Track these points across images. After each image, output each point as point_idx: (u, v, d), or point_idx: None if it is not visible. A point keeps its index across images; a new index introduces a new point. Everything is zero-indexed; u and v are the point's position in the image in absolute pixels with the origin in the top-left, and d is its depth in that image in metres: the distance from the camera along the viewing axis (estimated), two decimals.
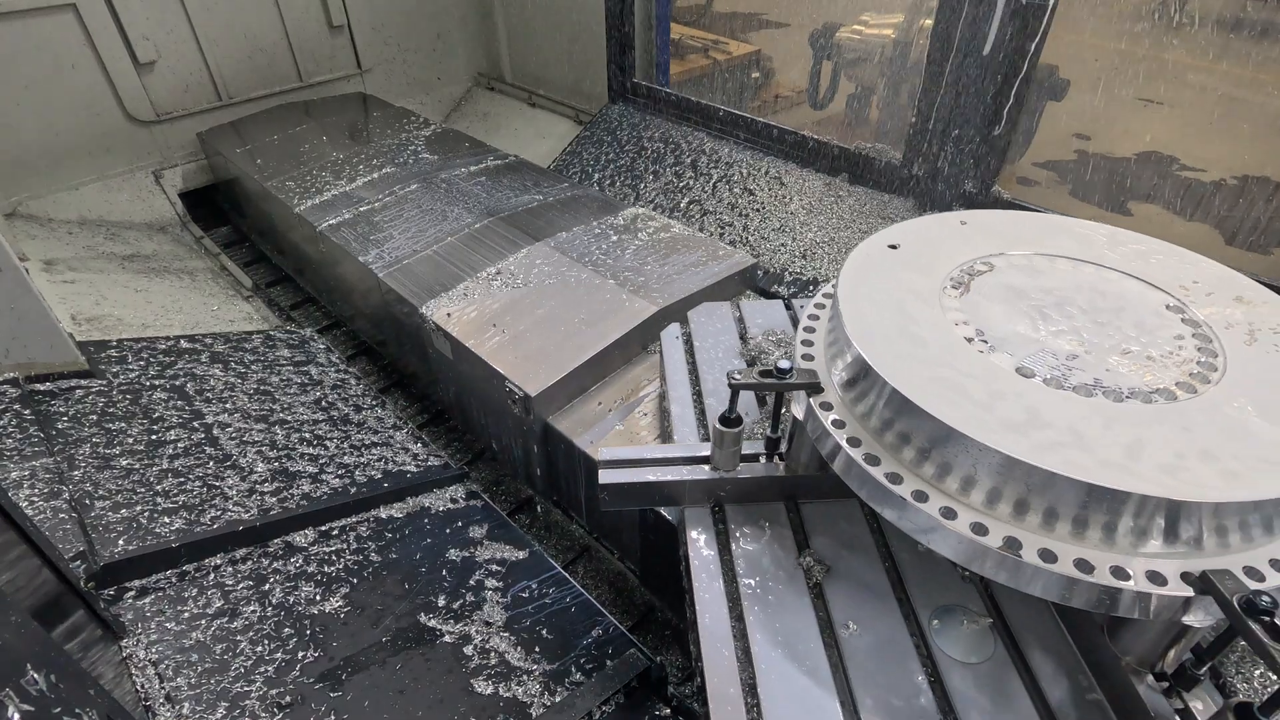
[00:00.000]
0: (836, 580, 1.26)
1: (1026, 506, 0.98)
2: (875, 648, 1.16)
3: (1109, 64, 2.47)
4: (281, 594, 1.71)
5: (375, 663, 1.58)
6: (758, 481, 1.35)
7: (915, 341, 1.15)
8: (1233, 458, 0.96)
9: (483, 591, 1.77)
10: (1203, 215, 2.48)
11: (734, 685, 1.10)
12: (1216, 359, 1.13)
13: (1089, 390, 1.07)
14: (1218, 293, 1.28)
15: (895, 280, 1.31)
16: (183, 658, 1.53)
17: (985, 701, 1.08)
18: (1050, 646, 1.16)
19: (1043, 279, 1.32)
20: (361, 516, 1.97)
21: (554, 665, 1.59)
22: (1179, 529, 0.93)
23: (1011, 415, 1.01)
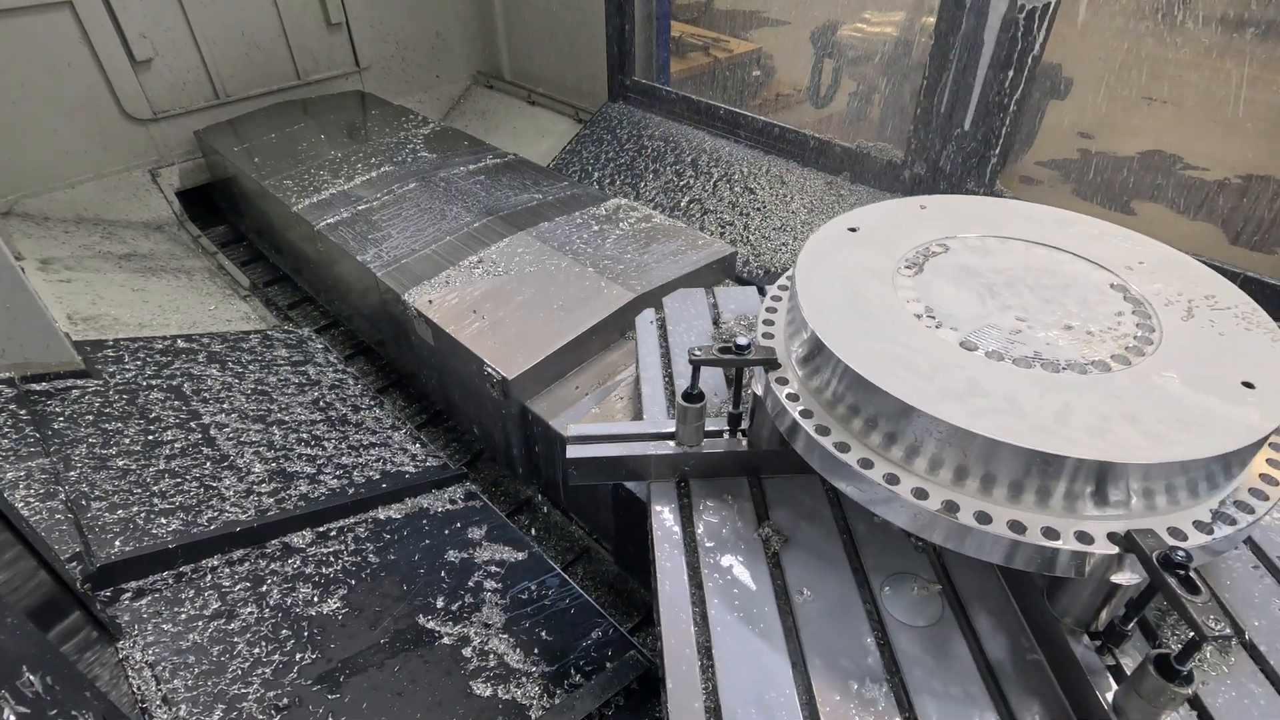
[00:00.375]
0: (794, 550, 1.31)
1: (965, 472, 1.04)
2: (828, 612, 1.21)
3: (1112, 62, 2.47)
4: (279, 595, 1.71)
5: (373, 665, 1.57)
6: (721, 457, 1.40)
7: (866, 318, 1.22)
8: (1155, 421, 1.03)
9: (482, 593, 1.77)
10: (1206, 214, 2.48)
11: (690, 646, 1.15)
12: (1153, 334, 1.19)
13: (1028, 362, 1.14)
14: (1161, 272, 1.33)
15: (852, 261, 1.37)
16: (180, 659, 1.53)
17: (930, 661, 1.14)
18: (995, 610, 1.21)
19: (994, 259, 1.38)
20: (359, 517, 1.97)
21: (553, 667, 1.59)
22: (1107, 491, 0.99)
23: (951, 385, 1.08)
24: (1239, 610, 1.19)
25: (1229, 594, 1.21)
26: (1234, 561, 1.26)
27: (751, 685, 1.11)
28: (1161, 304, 1.25)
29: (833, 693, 1.10)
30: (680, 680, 1.11)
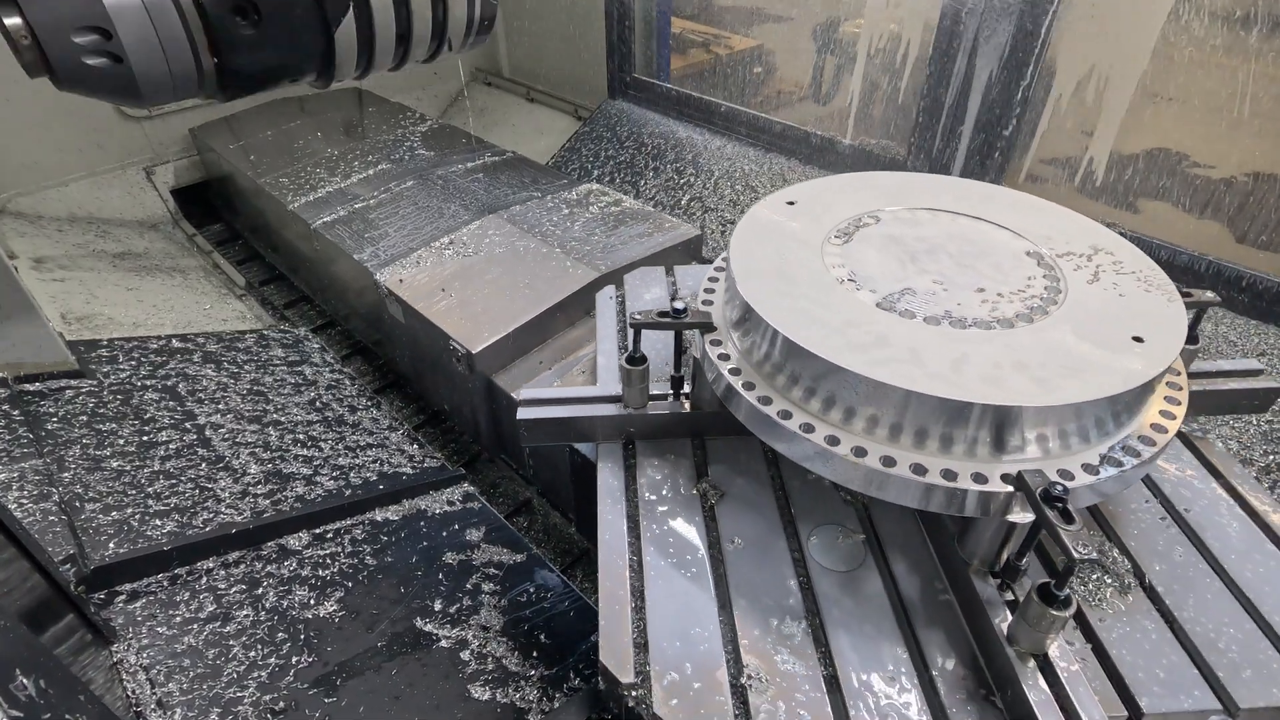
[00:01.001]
0: (729, 503, 1.40)
1: (876, 420, 1.13)
2: (756, 559, 1.31)
3: (1117, 60, 2.47)
4: (275, 598, 1.71)
5: (370, 668, 1.57)
6: (665, 419, 1.50)
7: (792, 282, 1.32)
8: (1043, 369, 1.12)
9: (480, 595, 1.77)
10: (1213, 213, 2.48)
11: (623, 589, 1.25)
12: (1059, 295, 1.29)
13: (937, 320, 1.23)
14: (1076, 241, 1.43)
15: (786, 231, 1.47)
16: (174, 663, 1.53)
17: (848, 602, 1.24)
18: (912, 556, 1.31)
19: (920, 229, 1.48)
20: (356, 519, 1.97)
21: (552, 670, 1.59)
22: (1003, 436, 1.08)
23: (860, 339, 1.18)
24: (1143, 557, 1.29)
25: (1134, 542, 1.31)
26: (1143, 514, 1.37)
27: (678, 622, 1.20)
28: (1071, 269, 1.35)
29: (753, 628, 1.19)
30: (612, 619, 1.20)
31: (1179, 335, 1.19)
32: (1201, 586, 1.25)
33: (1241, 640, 1.17)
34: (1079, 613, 1.20)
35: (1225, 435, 1.94)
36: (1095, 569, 1.27)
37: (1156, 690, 1.11)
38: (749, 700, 1.11)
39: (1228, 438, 1.93)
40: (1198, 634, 1.18)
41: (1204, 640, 1.17)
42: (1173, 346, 1.17)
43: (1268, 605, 1.21)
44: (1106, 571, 1.27)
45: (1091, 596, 1.23)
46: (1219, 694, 1.11)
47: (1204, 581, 1.26)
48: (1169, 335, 1.19)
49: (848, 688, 1.12)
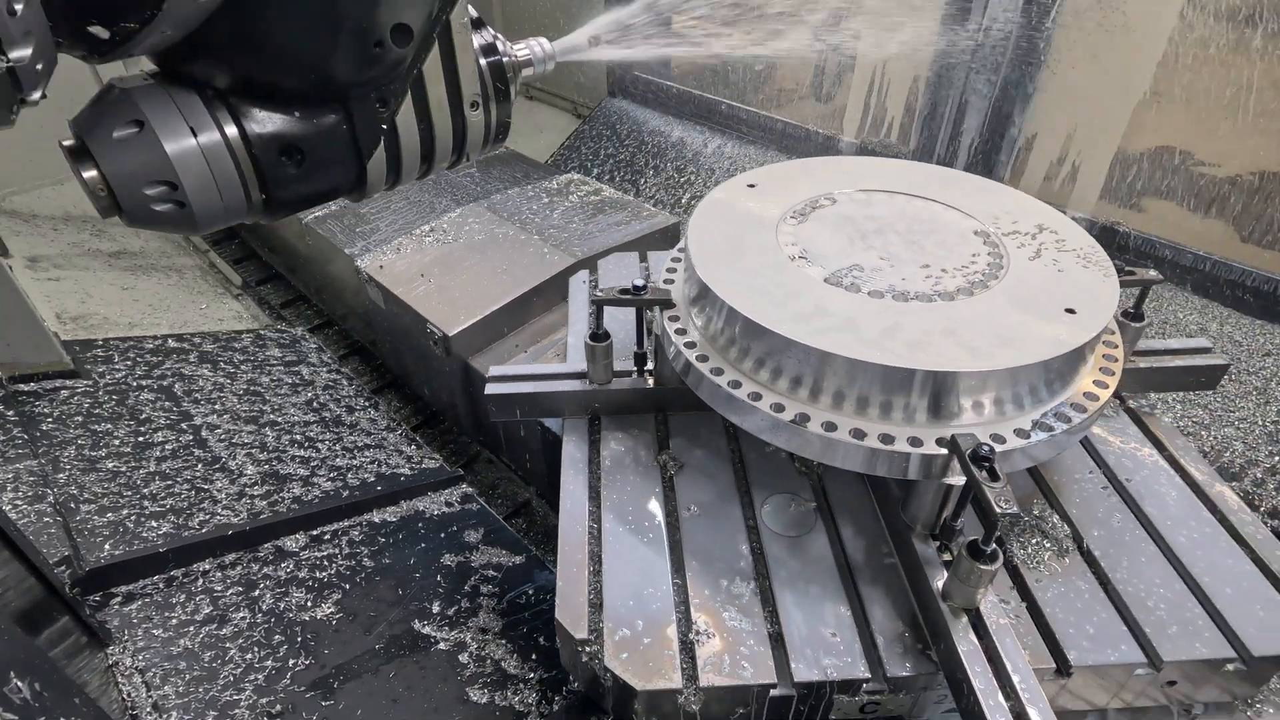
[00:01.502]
0: (688, 474, 1.48)
1: (819, 388, 1.21)
2: (710, 525, 1.38)
3: (1123, 57, 2.47)
4: (272, 600, 1.71)
5: (368, 670, 1.57)
6: (628, 394, 1.57)
7: (745, 259, 1.38)
8: (972, 337, 1.19)
9: (478, 597, 1.77)
10: (1218, 212, 2.48)
11: (582, 553, 1.32)
12: (1001, 271, 1.35)
13: (880, 294, 1.30)
14: (1023, 221, 1.49)
15: (744, 212, 1.54)
16: (170, 665, 1.53)
17: (796, 564, 1.31)
18: (862, 523, 1.39)
19: (874, 210, 1.55)
20: (354, 520, 1.97)
21: (552, 673, 1.59)
22: (940, 403, 1.15)
23: (802, 310, 1.25)
24: (1083, 523, 1.36)
25: (1075, 509, 1.39)
26: (1086, 483, 1.44)
27: (633, 584, 1.27)
28: (1015, 246, 1.41)
29: (704, 589, 1.27)
30: (569, 580, 1.28)
31: (1110, 308, 1.25)
32: (1136, 550, 1.32)
33: (1170, 600, 1.24)
34: (1016, 574, 1.27)
35: (1230, 436, 1.94)
36: (1035, 534, 1.35)
37: (1085, 645, 1.17)
38: (696, 654, 1.17)
39: (1232, 439, 1.93)
40: (1129, 594, 1.24)
41: (1134, 600, 1.24)
42: (1102, 318, 1.23)
43: (1198, 568, 1.28)
44: (1046, 536, 1.35)
45: (1031, 560, 1.31)
46: (1145, 648, 1.18)
47: (1139, 546, 1.33)
48: (1100, 308, 1.25)
49: (791, 643, 1.19)
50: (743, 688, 1.15)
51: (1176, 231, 2.55)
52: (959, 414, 1.16)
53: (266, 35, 0.66)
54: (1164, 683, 1.21)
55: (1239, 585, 1.25)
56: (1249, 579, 1.27)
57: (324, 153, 0.74)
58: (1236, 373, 2.15)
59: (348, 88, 0.74)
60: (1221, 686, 1.23)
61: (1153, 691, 1.23)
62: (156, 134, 0.65)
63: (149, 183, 0.67)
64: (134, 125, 0.64)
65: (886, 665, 1.15)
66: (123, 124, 0.64)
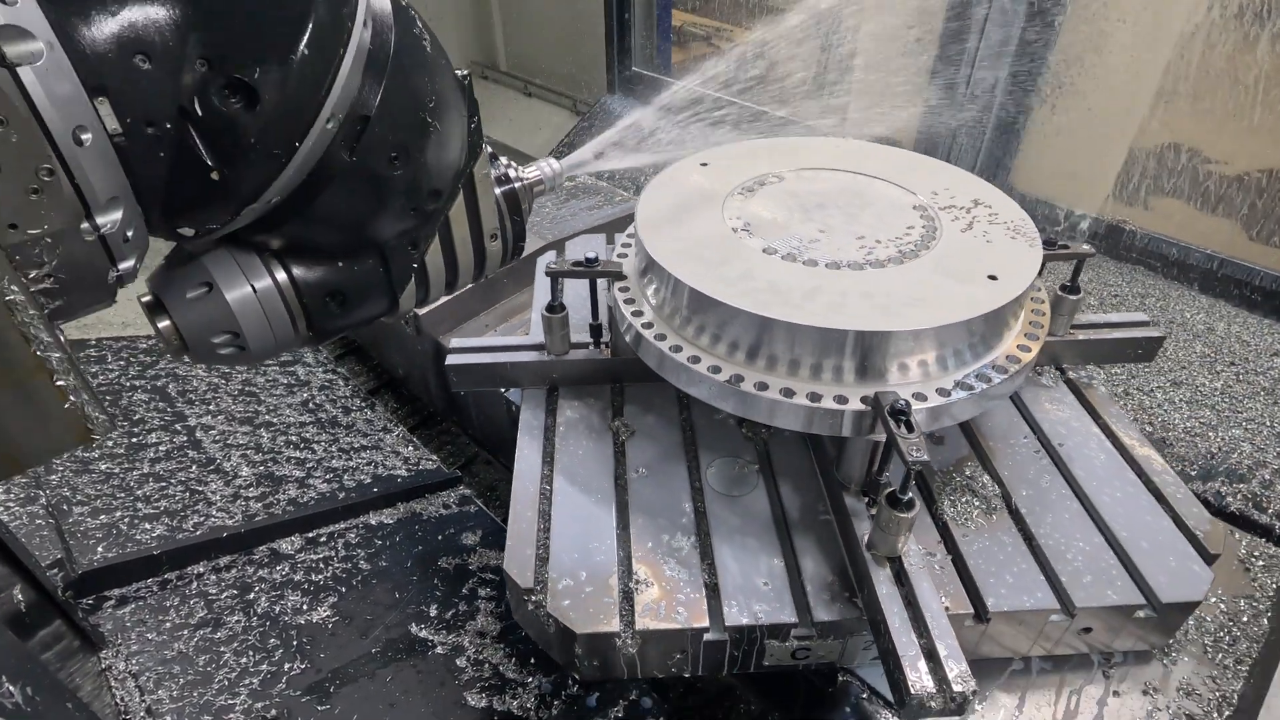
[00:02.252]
0: (639, 439, 1.57)
1: (755, 351, 1.28)
2: (657, 486, 1.47)
3: (1130, 54, 2.47)
4: (267, 603, 1.71)
5: (364, 675, 1.57)
6: (585, 364, 1.65)
7: (688, 230, 1.46)
8: (888, 299, 1.27)
9: (476, 600, 1.77)
10: (1225, 210, 2.48)
11: (532, 510, 1.41)
12: (933, 241, 1.43)
13: (813, 262, 1.37)
14: (960, 196, 1.57)
15: (693, 188, 1.62)
16: (164, 669, 1.53)
17: (736, 521, 1.40)
18: (801, 484, 1.48)
19: (819, 186, 1.63)
20: (350, 523, 1.97)
21: (550, 677, 1.59)
22: (865, 364, 1.24)
23: (731, 275, 1.32)
24: (1013, 484, 1.46)
25: (1007, 471, 1.49)
26: (1020, 448, 1.55)
27: (579, 539, 1.36)
28: (950, 219, 1.49)
29: (646, 543, 1.36)
30: (518, 536, 1.36)
31: (1030, 275, 1.33)
32: (1061, 508, 1.42)
33: (1088, 552, 1.33)
34: (946, 530, 1.37)
35: (1238, 437, 1.94)
36: (966, 493, 1.46)
37: (1003, 592, 1.27)
38: (635, 602, 1.26)
39: (1240, 440, 1.93)
40: (1049, 547, 1.34)
41: (1054, 552, 1.33)
42: (1021, 283, 1.31)
43: (1118, 524, 1.37)
44: (975, 495, 1.45)
45: (960, 517, 1.41)
46: (1060, 596, 1.27)
47: (1064, 504, 1.43)
48: (1021, 275, 1.33)
49: (725, 591, 1.27)
50: (677, 631, 1.23)
51: (1183, 230, 2.55)
52: (885, 374, 1.25)
53: (321, 213, 0.76)
54: (1080, 629, 1.30)
55: (1155, 539, 1.35)
56: (1165, 534, 1.36)
57: (363, 293, 0.86)
58: (1245, 373, 2.15)
59: (385, 241, 0.86)
60: (1136, 635, 1.33)
61: (1071, 639, 1.32)
62: (223, 293, 0.76)
63: (216, 333, 0.78)
64: (204, 286, 0.76)
65: (814, 611, 1.24)
66: (194, 285, 0.76)
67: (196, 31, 0.62)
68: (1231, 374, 2.15)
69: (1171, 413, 2.02)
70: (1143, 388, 2.11)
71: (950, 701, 1.03)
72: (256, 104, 0.65)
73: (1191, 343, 2.27)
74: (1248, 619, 1.51)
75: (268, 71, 0.65)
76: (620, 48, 3.93)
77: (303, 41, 0.66)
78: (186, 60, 0.62)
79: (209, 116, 0.63)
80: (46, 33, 0.55)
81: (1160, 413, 2.02)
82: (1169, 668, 1.40)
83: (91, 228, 0.58)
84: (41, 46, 0.54)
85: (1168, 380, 2.13)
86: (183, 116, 0.63)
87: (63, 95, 0.55)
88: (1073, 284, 1.57)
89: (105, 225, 0.60)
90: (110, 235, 0.60)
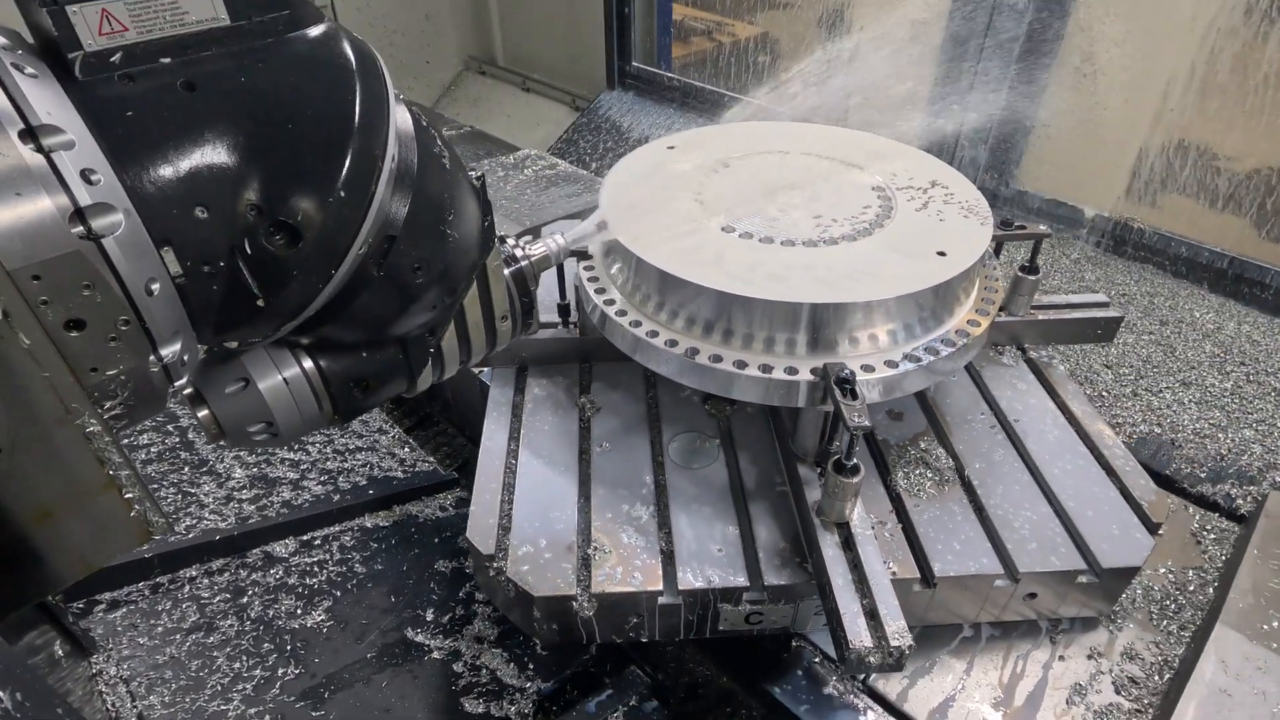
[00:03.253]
0: (605, 415, 1.64)
1: (710, 326, 1.34)
2: (620, 459, 1.54)
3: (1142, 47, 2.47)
4: (260, 607, 1.71)
5: (359, 680, 1.57)
6: (552, 343, 1.71)
7: (650, 209, 1.51)
8: (829, 272, 1.33)
9: (473, 604, 1.77)
10: (1235, 208, 2.48)
11: (496, 482, 1.48)
12: (888, 220, 1.50)
13: (769, 239, 1.43)
14: (919, 177, 1.64)
15: (659, 169, 1.67)
16: (156, 674, 1.53)
17: (693, 491, 1.47)
18: (760, 457, 1.54)
19: (782, 168, 1.69)
20: (345, 525, 1.96)
21: (549, 683, 1.59)
22: (816, 336, 1.30)
23: (683, 248, 1.39)
24: (967, 458, 1.54)
25: (962, 445, 1.57)
26: (977, 423, 1.63)
27: (541, 509, 1.43)
28: (906, 199, 1.56)
29: (606, 513, 1.42)
30: (482, 505, 1.44)
31: (978, 251, 1.40)
32: (1012, 480, 1.50)
33: (1035, 521, 1.41)
34: (899, 500, 1.45)
35: (1249, 439, 1.94)
36: (919, 466, 1.53)
37: (949, 558, 1.34)
38: (592, 567, 1.32)
39: (1250, 441, 1.93)
40: (998, 517, 1.41)
41: (1002, 521, 1.40)
42: (969, 258, 1.37)
43: (1066, 494, 1.45)
44: (929, 468, 1.52)
45: (913, 488, 1.48)
46: (1004, 562, 1.34)
47: (1015, 476, 1.51)
48: (970, 251, 1.39)
49: (680, 557, 1.34)
50: (632, 595, 1.29)
51: (1193, 228, 2.55)
52: (836, 347, 1.32)
53: (348, 318, 0.85)
54: (1025, 595, 1.37)
55: (1101, 509, 1.42)
56: (1111, 504, 1.44)
57: (385, 379, 0.95)
58: (1255, 373, 2.14)
59: (406, 334, 0.95)
60: (1081, 601, 1.41)
61: (1018, 605, 1.40)
62: (259, 388, 0.85)
63: (252, 424, 0.87)
64: (241, 382, 0.84)
65: (765, 575, 1.31)
66: (233, 381, 0.84)
67: (248, 181, 0.71)
68: (1242, 374, 2.15)
69: (1180, 414, 2.02)
70: (1151, 388, 2.10)
71: (888, 656, 1.10)
72: (299, 241, 0.74)
73: (1201, 342, 2.27)
74: (1194, 588, 1.58)
75: (309, 212, 0.73)
76: (620, 43, 3.93)
77: (340, 182, 0.75)
78: (239, 207, 0.71)
79: (257, 254, 0.72)
80: (124, 201, 0.63)
81: (1169, 413, 2.02)
82: (1114, 634, 1.47)
83: (156, 360, 0.66)
84: (121, 217, 0.62)
85: (1177, 380, 2.13)
86: (234, 255, 0.71)
87: (136, 253, 0.63)
88: (1031, 264, 1.63)
89: (168, 356, 0.68)
90: (171, 364, 0.68)
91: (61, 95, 0.62)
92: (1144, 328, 2.34)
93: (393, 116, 0.82)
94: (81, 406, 0.59)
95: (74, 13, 0.62)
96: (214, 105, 0.69)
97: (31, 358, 0.55)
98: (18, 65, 0.60)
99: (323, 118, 0.75)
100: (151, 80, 0.67)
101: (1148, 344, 2.27)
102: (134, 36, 0.65)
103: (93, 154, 0.61)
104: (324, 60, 0.78)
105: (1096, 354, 2.22)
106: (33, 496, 0.59)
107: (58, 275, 0.57)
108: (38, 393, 0.56)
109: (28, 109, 0.58)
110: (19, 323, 0.54)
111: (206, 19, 0.70)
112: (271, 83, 0.73)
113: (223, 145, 0.69)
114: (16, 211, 0.55)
